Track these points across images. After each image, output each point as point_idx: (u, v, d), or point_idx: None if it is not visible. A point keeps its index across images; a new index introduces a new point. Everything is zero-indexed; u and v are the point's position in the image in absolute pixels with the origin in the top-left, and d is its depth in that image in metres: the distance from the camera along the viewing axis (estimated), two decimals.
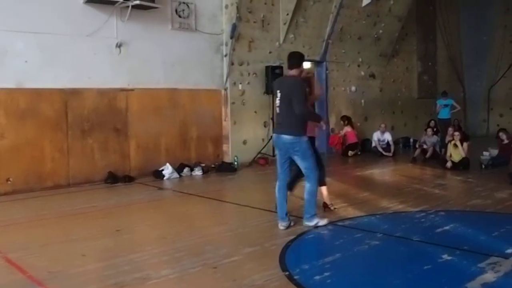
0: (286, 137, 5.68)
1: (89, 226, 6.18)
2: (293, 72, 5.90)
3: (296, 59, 5.95)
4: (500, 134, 11.12)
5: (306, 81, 6.06)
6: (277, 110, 5.86)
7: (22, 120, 8.50)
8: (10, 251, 5.14)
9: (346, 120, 13.50)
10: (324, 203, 6.61)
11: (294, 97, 5.59)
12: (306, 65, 12.73)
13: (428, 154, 11.96)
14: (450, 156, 10.55)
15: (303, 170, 5.79)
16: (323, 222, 5.89)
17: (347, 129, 13.34)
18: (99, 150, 9.38)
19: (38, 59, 8.62)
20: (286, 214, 5.83)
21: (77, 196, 8.25)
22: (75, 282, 4.26)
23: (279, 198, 5.89)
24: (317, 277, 4.23)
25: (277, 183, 5.97)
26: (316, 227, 5.80)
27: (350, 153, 13.07)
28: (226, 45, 11.25)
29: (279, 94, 5.77)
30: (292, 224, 5.84)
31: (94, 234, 5.78)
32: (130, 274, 4.38)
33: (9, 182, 8.35)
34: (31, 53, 8.55)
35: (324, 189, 6.57)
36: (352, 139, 13.23)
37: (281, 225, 5.80)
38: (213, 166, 10.69)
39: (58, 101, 8.89)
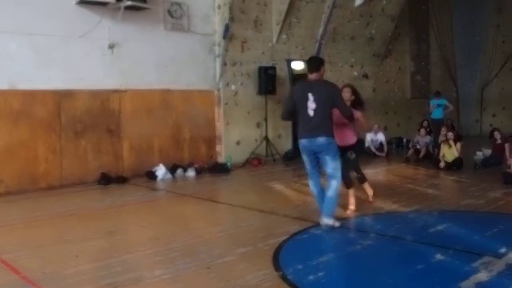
0: (321, 139, 5.73)
1: (82, 227, 6.16)
2: (314, 76, 5.93)
3: (315, 63, 6.04)
4: (495, 133, 11.14)
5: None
6: (311, 113, 5.77)
7: (15, 121, 8.48)
8: (4, 252, 5.13)
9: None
10: None
11: (337, 102, 5.81)
12: (300, 65, 12.74)
13: (421, 154, 11.99)
14: (444, 156, 10.58)
15: (331, 170, 5.81)
16: (338, 223, 5.86)
17: None
18: (92, 151, 9.36)
19: (31, 61, 8.60)
20: None
21: (70, 197, 8.23)
22: (69, 282, 4.25)
23: (319, 194, 6.01)
24: (311, 277, 4.23)
25: (312, 183, 6.07)
26: (333, 225, 5.77)
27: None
28: (219, 45, 11.25)
29: (312, 97, 5.75)
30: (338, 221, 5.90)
31: (88, 235, 5.77)
32: (124, 274, 4.38)
33: (2, 183, 8.31)
34: (24, 54, 8.53)
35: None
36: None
37: (326, 220, 5.84)
38: (206, 166, 10.68)
39: (51, 103, 8.86)
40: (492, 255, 4.65)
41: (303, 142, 5.88)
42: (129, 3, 9.17)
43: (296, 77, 12.34)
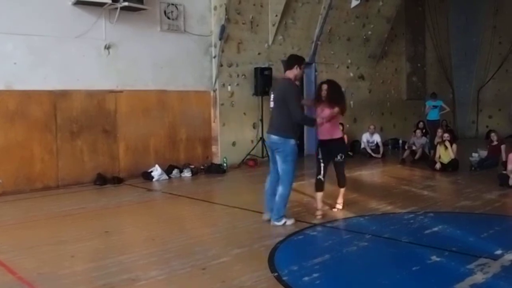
0: (273, 137, 5.92)
1: (78, 228, 6.15)
2: (287, 74, 6.03)
3: (289, 61, 6.10)
4: (492, 135, 11.16)
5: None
6: (271, 111, 6.10)
7: (11, 121, 8.45)
8: (0, 252, 5.12)
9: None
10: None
11: (288, 102, 5.76)
12: None
13: (417, 156, 12.01)
14: (439, 157, 10.61)
15: (281, 172, 5.92)
16: (290, 221, 6.04)
17: None
18: (88, 151, 9.34)
19: (27, 61, 8.58)
20: (272, 210, 6.04)
21: (66, 197, 8.22)
22: (64, 283, 4.24)
23: (269, 192, 6.13)
24: (306, 278, 4.24)
25: (268, 178, 6.18)
26: (283, 225, 5.95)
27: None
28: (215, 46, 11.25)
29: (272, 96, 6.03)
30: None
31: (83, 236, 5.76)
32: (119, 275, 4.38)
33: None
34: (20, 54, 8.50)
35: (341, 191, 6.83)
36: None
37: (266, 216, 6.17)
38: (202, 167, 10.69)
39: (47, 103, 8.84)
40: (488, 256, 4.67)
41: (265, 136, 6.14)
42: (126, 3, 9.14)
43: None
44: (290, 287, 4.07)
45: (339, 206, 6.81)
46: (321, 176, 6.48)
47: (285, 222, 5.99)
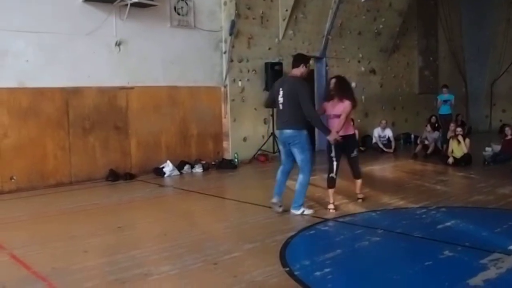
0: (287, 131, 6.13)
1: (91, 223, 6.21)
2: (294, 72, 6.26)
3: (297, 59, 6.36)
4: (506, 129, 11.02)
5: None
6: (280, 107, 6.20)
7: (24, 119, 8.52)
8: (14, 247, 5.18)
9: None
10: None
11: (302, 100, 5.99)
12: None
13: (429, 150, 11.93)
14: (452, 152, 10.53)
15: (299, 162, 6.17)
16: (308, 211, 6.28)
17: None
18: (100, 148, 9.40)
19: (39, 58, 8.63)
20: (280, 194, 6.36)
21: (79, 193, 8.29)
22: (78, 277, 4.28)
23: (280, 179, 6.39)
24: (318, 273, 4.23)
25: (280, 168, 6.44)
26: (301, 214, 6.19)
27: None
28: (225, 42, 11.24)
29: (281, 92, 6.16)
30: (282, 207, 6.33)
31: (96, 231, 5.81)
32: (131, 270, 4.40)
33: (12, 180, 8.39)
34: (32, 52, 8.57)
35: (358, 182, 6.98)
36: None
37: (274, 199, 6.37)
38: (213, 163, 10.71)
39: (59, 100, 8.90)
40: (501, 251, 4.62)
41: (277, 133, 6.44)
42: (136, 0, 9.16)
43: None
44: (302, 282, 4.06)
45: (361, 195, 6.98)
46: (333, 174, 6.53)
47: (303, 211, 6.21)
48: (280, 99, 6.17)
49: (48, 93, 8.77)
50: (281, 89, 6.20)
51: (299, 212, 6.20)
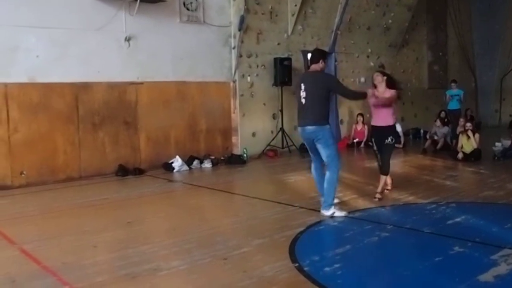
0: (310, 128, 5.99)
1: (100, 218, 6.25)
2: (314, 67, 6.20)
3: (315, 55, 6.32)
4: None
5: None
6: (303, 101, 6.08)
7: (34, 114, 8.57)
8: (25, 242, 5.22)
9: (361, 117, 13.45)
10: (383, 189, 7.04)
11: (336, 89, 6.30)
12: None
13: (439, 145, 11.87)
14: (462, 147, 10.47)
15: (325, 158, 5.99)
16: (340, 213, 5.95)
17: (358, 126, 13.41)
18: (110, 143, 9.44)
19: (49, 54, 8.67)
20: None
21: (89, 188, 8.33)
22: (88, 272, 4.31)
23: (316, 177, 6.28)
24: (327, 269, 4.23)
25: (312, 165, 6.32)
26: (331, 217, 5.89)
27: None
28: (234, 37, 11.24)
29: (303, 87, 6.06)
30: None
31: (106, 226, 5.84)
32: (141, 265, 4.43)
33: (23, 175, 8.44)
34: (42, 48, 8.61)
35: (383, 178, 6.95)
36: (360, 137, 13.33)
37: (322, 198, 6.16)
38: (222, 158, 10.72)
39: (69, 95, 8.94)
40: None
41: (299, 130, 6.27)
42: None
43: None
44: (311, 277, 4.06)
45: (379, 196, 6.89)
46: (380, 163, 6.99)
47: (333, 213, 5.92)
48: (302, 94, 6.03)
49: (58, 89, 8.81)
50: (302, 84, 6.08)
51: (329, 213, 5.91)
